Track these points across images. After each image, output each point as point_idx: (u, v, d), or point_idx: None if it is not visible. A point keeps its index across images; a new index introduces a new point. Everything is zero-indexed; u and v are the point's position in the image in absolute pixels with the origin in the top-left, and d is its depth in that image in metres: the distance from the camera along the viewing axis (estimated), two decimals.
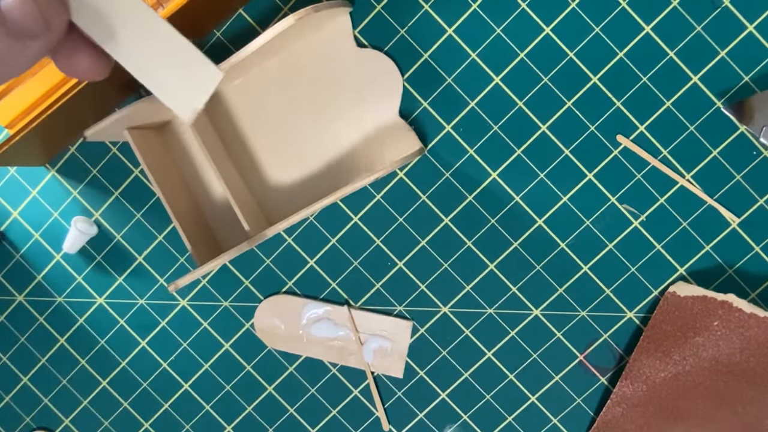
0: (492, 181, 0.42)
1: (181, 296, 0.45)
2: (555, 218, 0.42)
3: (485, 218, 0.43)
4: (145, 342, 0.46)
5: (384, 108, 0.41)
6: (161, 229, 0.45)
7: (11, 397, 0.47)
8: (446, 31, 0.41)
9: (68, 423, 0.47)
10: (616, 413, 0.42)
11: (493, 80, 0.41)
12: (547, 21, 0.40)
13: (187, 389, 0.46)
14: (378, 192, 0.43)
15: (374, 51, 0.41)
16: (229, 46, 0.42)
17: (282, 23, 0.35)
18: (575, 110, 0.41)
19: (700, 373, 0.41)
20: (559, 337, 0.43)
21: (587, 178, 0.42)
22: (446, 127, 0.42)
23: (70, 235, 0.44)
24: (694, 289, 0.41)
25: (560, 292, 0.43)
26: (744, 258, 0.42)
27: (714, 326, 0.41)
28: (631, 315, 0.43)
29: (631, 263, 0.42)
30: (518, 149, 0.42)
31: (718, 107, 0.40)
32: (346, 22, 0.41)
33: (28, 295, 0.46)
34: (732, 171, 0.41)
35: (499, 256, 0.43)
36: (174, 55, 0.19)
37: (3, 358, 0.47)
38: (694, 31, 0.40)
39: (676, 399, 0.42)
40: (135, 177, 0.44)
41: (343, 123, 0.42)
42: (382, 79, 0.41)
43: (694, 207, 0.41)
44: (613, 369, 0.43)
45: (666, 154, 0.41)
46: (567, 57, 0.40)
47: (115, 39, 0.18)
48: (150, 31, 0.18)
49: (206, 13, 0.40)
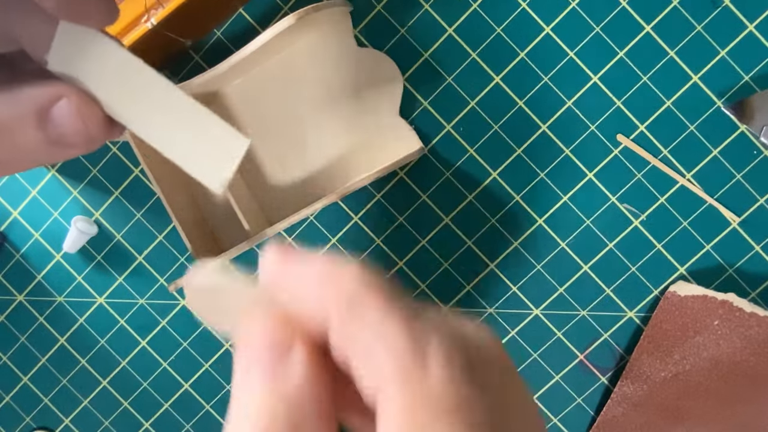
0: (492, 180, 0.42)
1: (181, 296, 0.45)
2: (555, 218, 0.42)
3: (485, 218, 0.43)
4: (145, 342, 0.46)
5: (384, 108, 0.41)
6: (161, 229, 0.45)
7: (11, 397, 0.47)
8: (446, 31, 0.41)
9: (68, 423, 0.47)
10: (616, 413, 0.42)
11: (493, 80, 0.41)
12: (547, 21, 0.40)
13: (187, 389, 0.46)
14: (378, 192, 0.43)
15: (374, 51, 0.41)
16: (230, 46, 0.42)
17: (282, 23, 0.35)
18: (575, 110, 0.41)
19: (701, 373, 0.41)
20: (560, 337, 0.43)
21: (587, 177, 0.42)
22: (446, 127, 0.42)
23: (70, 235, 0.44)
24: (694, 289, 0.41)
25: (560, 292, 0.43)
26: (744, 257, 0.42)
27: (714, 326, 0.41)
28: (631, 314, 0.43)
29: (632, 263, 0.42)
30: (518, 149, 0.42)
31: (718, 107, 0.40)
32: (346, 21, 0.40)
33: (28, 295, 0.46)
34: (732, 170, 0.41)
35: (499, 255, 0.43)
36: (198, 127, 0.19)
37: (3, 358, 0.47)
38: (694, 31, 0.40)
39: (676, 398, 0.42)
40: (135, 177, 0.44)
41: (343, 123, 0.42)
42: (382, 79, 0.41)
43: (694, 206, 0.41)
44: (613, 369, 0.43)
45: (666, 153, 0.41)
46: (567, 56, 0.40)
47: (140, 119, 0.19)
48: (173, 106, 0.19)
49: (206, 13, 0.40)
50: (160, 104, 0.19)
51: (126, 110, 0.19)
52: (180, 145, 0.19)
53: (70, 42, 0.18)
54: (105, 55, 0.18)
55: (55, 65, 0.18)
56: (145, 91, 0.18)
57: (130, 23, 0.36)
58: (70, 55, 0.18)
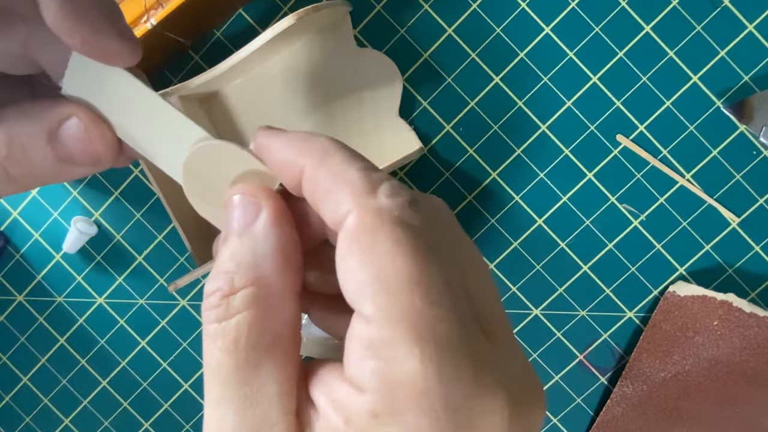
0: (492, 181, 0.42)
1: (181, 296, 0.45)
2: (555, 218, 0.42)
3: (485, 218, 0.43)
4: (145, 342, 0.46)
5: (384, 108, 0.41)
6: (161, 229, 0.45)
7: (11, 397, 0.47)
8: (446, 31, 0.41)
9: (68, 423, 0.47)
10: (616, 413, 0.42)
11: (493, 80, 0.41)
12: (547, 21, 0.40)
13: (187, 389, 0.46)
14: None
15: (374, 51, 0.41)
16: (230, 46, 0.42)
17: (282, 23, 0.35)
18: (575, 110, 0.41)
19: (700, 373, 0.41)
20: (559, 337, 0.43)
21: (587, 177, 0.42)
22: (446, 127, 0.42)
23: (70, 236, 0.44)
24: (694, 289, 0.41)
25: (560, 292, 0.43)
26: (744, 257, 0.42)
27: (714, 326, 0.41)
28: (631, 315, 0.43)
29: (631, 263, 0.42)
30: (518, 149, 0.42)
31: (718, 107, 0.40)
32: (346, 21, 0.40)
33: (28, 295, 0.46)
34: (732, 170, 0.41)
35: (499, 255, 0.43)
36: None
37: (3, 358, 0.47)
38: (694, 31, 0.40)
39: (676, 399, 0.42)
40: (135, 177, 0.44)
41: (342, 123, 0.42)
42: (382, 79, 0.41)
43: (694, 206, 0.41)
44: (613, 369, 0.43)
45: (666, 153, 0.41)
46: (566, 57, 0.40)
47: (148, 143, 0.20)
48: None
49: (206, 13, 0.40)
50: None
51: (134, 133, 0.20)
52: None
53: (82, 70, 0.19)
54: (116, 82, 0.19)
55: (69, 90, 0.19)
56: (151, 117, 0.19)
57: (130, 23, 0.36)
58: (83, 82, 0.19)
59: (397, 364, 0.13)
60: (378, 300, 0.14)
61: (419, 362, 0.13)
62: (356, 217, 0.15)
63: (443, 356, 0.13)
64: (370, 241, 0.14)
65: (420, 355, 0.13)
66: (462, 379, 0.13)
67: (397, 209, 0.15)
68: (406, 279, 0.14)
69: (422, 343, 0.13)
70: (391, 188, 0.15)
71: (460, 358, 0.13)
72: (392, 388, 0.13)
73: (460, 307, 0.14)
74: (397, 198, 0.15)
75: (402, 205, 0.15)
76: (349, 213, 0.15)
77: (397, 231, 0.14)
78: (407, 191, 0.16)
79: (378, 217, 0.15)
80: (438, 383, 0.13)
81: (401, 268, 0.14)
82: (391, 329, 0.14)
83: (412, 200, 0.15)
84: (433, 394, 0.13)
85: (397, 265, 0.14)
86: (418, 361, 0.13)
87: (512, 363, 0.15)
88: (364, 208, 0.15)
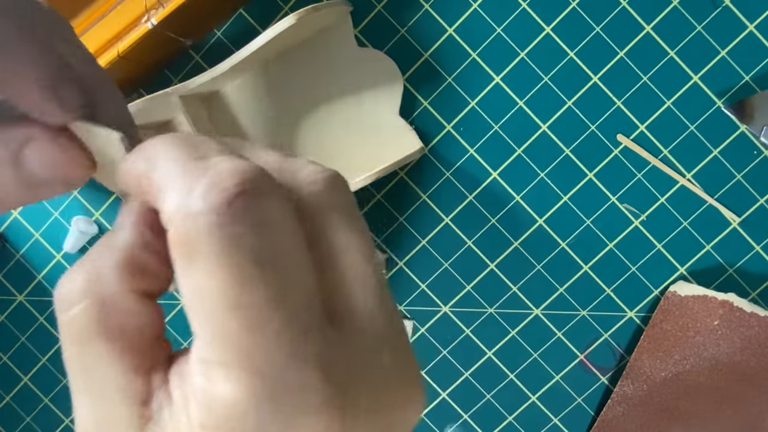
0: (492, 180, 0.42)
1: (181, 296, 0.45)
2: (555, 218, 0.42)
3: (485, 218, 0.43)
4: None
5: (384, 108, 0.41)
6: None
7: (11, 397, 0.47)
8: (446, 31, 0.41)
9: (68, 423, 0.47)
10: (616, 413, 0.42)
11: (493, 80, 0.41)
12: (547, 21, 0.40)
13: None
14: (378, 192, 0.43)
15: (374, 51, 0.41)
16: (230, 46, 0.42)
17: (282, 23, 0.35)
18: (575, 110, 0.41)
19: (701, 373, 0.41)
20: (560, 337, 0.43)
21: (587, 177, 0.42)
22: (447, 127, 0.42)
23: (70, 235, 0.44)
24: (694, 289, 0.41)
25: (561, 292, 0.43)
26: (745, 257, 0.42)
27: (714, 326, 0.41)
28: (631, 314, 0.43)
29: (632, 263, 0.42)
30: (518, 149, 0.42)
31: (718, 107, 0.40)
32: (346, 21, 0.40)
33: (28, 295, 0.46)
34: (732, 170, 0.41)
35: (499, 255, 0.43)
36: None
37: (3, 358, 0.47)
38: (694, 31, 0.40)
39: (676, 398, 0.42)
40: None
41: (342, 123, 0.42)
42: (382, 79, 0.41)
43: (694, 206, 0.41)
44: (613, 369, 0.43)
45: (666, 153, 0.41)
46: (567, 57, 0.40)
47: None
48: None
49: (206, 13, 0.40)
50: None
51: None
52: None
53: None
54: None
55: None
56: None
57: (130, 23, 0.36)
58: None
59: (218, 385, 0.13)
60: (199, 319, 0.13)
61: (236, 385, 0.13)
62: (173, 226, 0.13)
63: (258, 383, 0.13)
64: (186, 254, 0.13)
65: (236, 379, 0.13)
66: (280, 402, 0.13)
67: (216, 212, 0.13)
68: (222, 302, 0.13)
69: (239, 370, 0.13)
70: (210, 185, 0.13)
71: (280, 383, 0.13)
72: (214, 408, 0.13)
73: (293, 323, 0.13)
74: (217, 197, 0.13)
75: (221, 206, 0.13)
76: (168, 220, 0.14)
77: (213, 243, 0.13)
78: (236, 182, 0.14)
79: (193, 224, 0.13)
80: (255, 410, 0.13)
81: (217, 288, 0.13)
82: (212, 350, 0.13)
83: (238, 194, 0.13)
84: (249, 419, 0.13)
85: (213, 285, 0.13)
86: (235, 385, 0.13)
87: (365, 362, 0.14)
88: (180, 214, 0.13)
